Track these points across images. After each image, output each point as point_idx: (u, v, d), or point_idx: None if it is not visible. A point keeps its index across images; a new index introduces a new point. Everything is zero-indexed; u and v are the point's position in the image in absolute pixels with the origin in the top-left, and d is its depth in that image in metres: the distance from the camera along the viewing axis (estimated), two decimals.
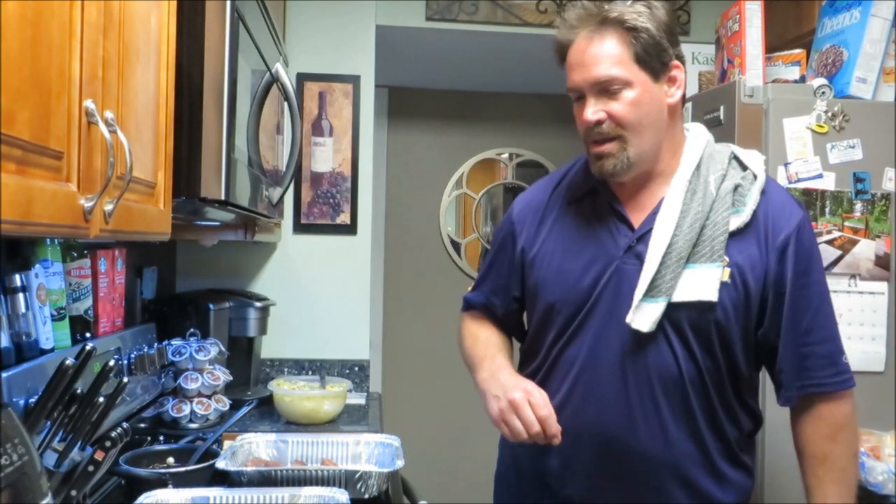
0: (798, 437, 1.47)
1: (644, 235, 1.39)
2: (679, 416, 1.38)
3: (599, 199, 1.46)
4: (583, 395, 1.40)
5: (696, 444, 1.39)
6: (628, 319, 1.35)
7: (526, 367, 1.54)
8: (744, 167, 1.44)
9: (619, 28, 1.34)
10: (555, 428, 1.31)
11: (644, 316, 1.34)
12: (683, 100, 1.44)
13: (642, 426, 1.38)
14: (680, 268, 1.34)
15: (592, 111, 1.35)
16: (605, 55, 1.33)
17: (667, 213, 1.37)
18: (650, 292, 1.34)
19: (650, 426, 1.38)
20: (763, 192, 1.41)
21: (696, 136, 1.46)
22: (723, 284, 1.34)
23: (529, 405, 1.31)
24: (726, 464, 1.42)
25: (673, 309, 1.34)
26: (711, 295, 1.33)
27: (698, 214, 1.35)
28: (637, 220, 1.42)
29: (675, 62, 1.39)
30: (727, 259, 1.35)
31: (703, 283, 1.34)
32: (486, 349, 1.51)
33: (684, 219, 1.36)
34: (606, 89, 1.34)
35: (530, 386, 1.35)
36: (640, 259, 1.37)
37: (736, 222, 1.37)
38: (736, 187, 1.39)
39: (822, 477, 1.41)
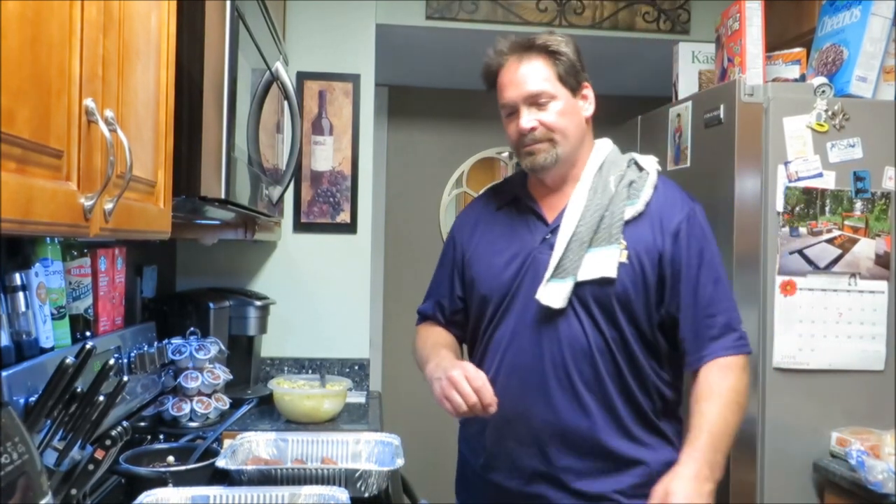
0: (690, 388, 1.57)
1: (556, 229, 1.61)
2: (591, 384, 1.55)
3: (521, 203, 1.69)
4: (508, 372, 1.59)
5: (608, 410, 1.56)
6: (538, 296, 1.55)
7: (471, 358, 1.73)
8: (641, 168, 1.65)
9: (545, 52, 1.60)
10: (489, 397, 1.45)
11: (553, 293, 1.54)
12: (591, 118, 1.68)
13: (558, 394, 1.56)
14: (583, 251, 1.55)
15: (527, 120, 1.59)
16: (535, 73, 1.59)
17: (572, 207, 1.60)
18: (558, 273, 1.55)
19: (565, 394, 1.55)
20: (656, 188, 1.62)
21: (601, 147, 1.69)
22: (622, 265, 1.55)
23: (466, 379, 1.45)
24: (641, 429, 1.58)
25: (579, 287, 1.55)
26: (610, 272, 1.54)
27: (598, 207, 1.58)
28: (551, 217, 1.65)
29: (586, 83, 1.65)
30: (624, 242, 1.56)
31: (602, 263, 1.54)
32: (433, 347, 1.68)
33: (587, 211, 1.58)
34: (536, 102, 1.59)
35: (467, 364, 1.52)
36: (553, 248, 1.59)
37: (631, 212, 1.58)
38: (631, 183, 1.61)
39: (705, 411, 1.49)
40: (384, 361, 4.07)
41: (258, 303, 2.58)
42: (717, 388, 1.52)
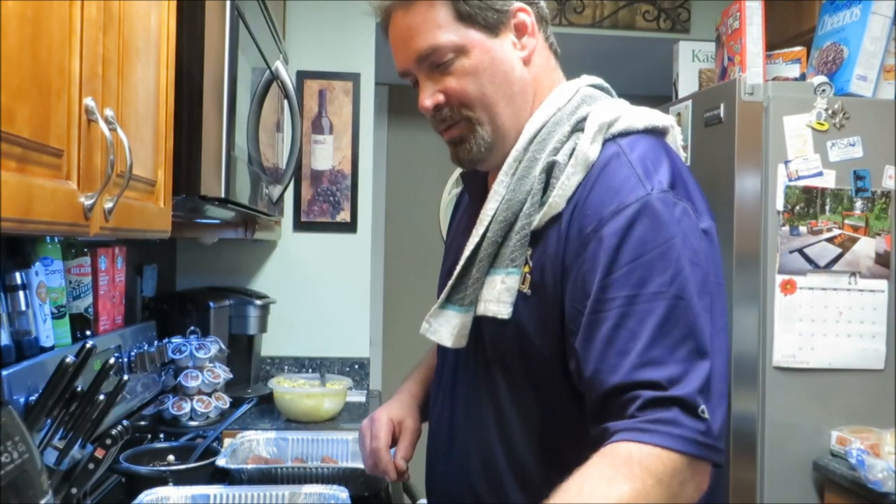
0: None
1: None
2: (485, 452, 1.11)
3: (480, 188, 1.22)
4: (431, 414, 1.28)
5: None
6: (422, 329, 1.12)
7: None
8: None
9: None
10: (383, 463, 1.22)
11: (444, 325, 1.11)
12: (554, 49, 1.17)
13: (449, 456, 1.18)
14: (483, 273, 1.08)
15: (427, 94, 1.10)
16: (420, 23, 1.08)
17: (489, 204, 1.09)
18: (455, 298, 1.10)
19: (455, 461, 1.17)
20: (591, 171, 1.02)
21: (552, 100, 1.11)
22: (521, 296, 1.05)
23: (370, 436, 1.24)
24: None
25: (479, 324, 1.09)
26: (502, 311, 1.05)
27: (510, 206, 1.07)
28: None
29: (518, 5, 1.10)
30: (530, 264, 1.05)
31: (498, 293, 1.06)
32: (421, 364, 1.43)
33: (498, 213, 1.08)
34: (436, 64, 1.08)
35: (381, 415, 1.26)
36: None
37: (539, 217, 1.04)
38: (551, 167, 1.05)
39: None
40: (384, 360, 4.07)
41: (258, 302, 2.58)
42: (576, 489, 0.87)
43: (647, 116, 1.10)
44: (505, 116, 1.09)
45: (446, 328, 1.10)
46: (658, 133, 1.10)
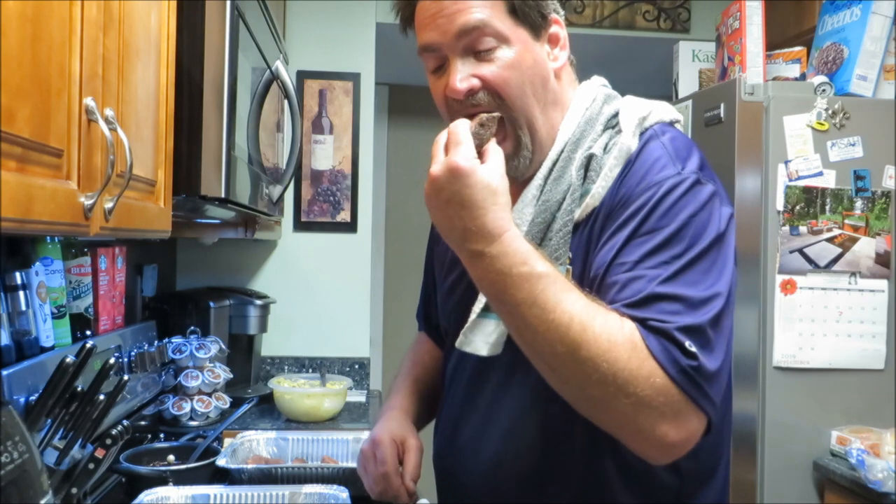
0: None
1: None
2: (529, 465, 1.07)
3: None
4: (444, 415, 1.23)
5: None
6: (458, 343, 1.07)
7: None
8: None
9: None
10: (395, 487, 1.16)
11: (479, 335, 1.05)
12: (572, 63, 1.16)
13: (484, 473, 1.11)
14: None
15: (460, 77, 1.02)
16: (470, 1, 1.02)
17: (521, 207, 1.07)
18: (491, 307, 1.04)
19: (491, 476, 1.11)
20: (629, 162, 1.03)
21: (581, 98, 1.11)
22: None
23: (374, 460, 1.19)
24: None
25: None
26: None
27: (547, 208, 1.05)
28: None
29: (555, 16, 1.09)
30: (570, 256, 1.04)
31: None
32: (403, 376, 1.37)
33: (536, 215, 1.06)
34: (475, 48, 1.03)
35: (383, 437, 1.20)
36: None
37: (580, 211, 1.03)
38: (589, 161, 1.04)
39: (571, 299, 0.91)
40: (384, 360, 4.07)
41: (258, 301, 2.58)
42: (601, 317, 0.90)
43: (671, 110, 1.13)
44: (540, 123, 1.07)
45: (481, 337, 1.06)
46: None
